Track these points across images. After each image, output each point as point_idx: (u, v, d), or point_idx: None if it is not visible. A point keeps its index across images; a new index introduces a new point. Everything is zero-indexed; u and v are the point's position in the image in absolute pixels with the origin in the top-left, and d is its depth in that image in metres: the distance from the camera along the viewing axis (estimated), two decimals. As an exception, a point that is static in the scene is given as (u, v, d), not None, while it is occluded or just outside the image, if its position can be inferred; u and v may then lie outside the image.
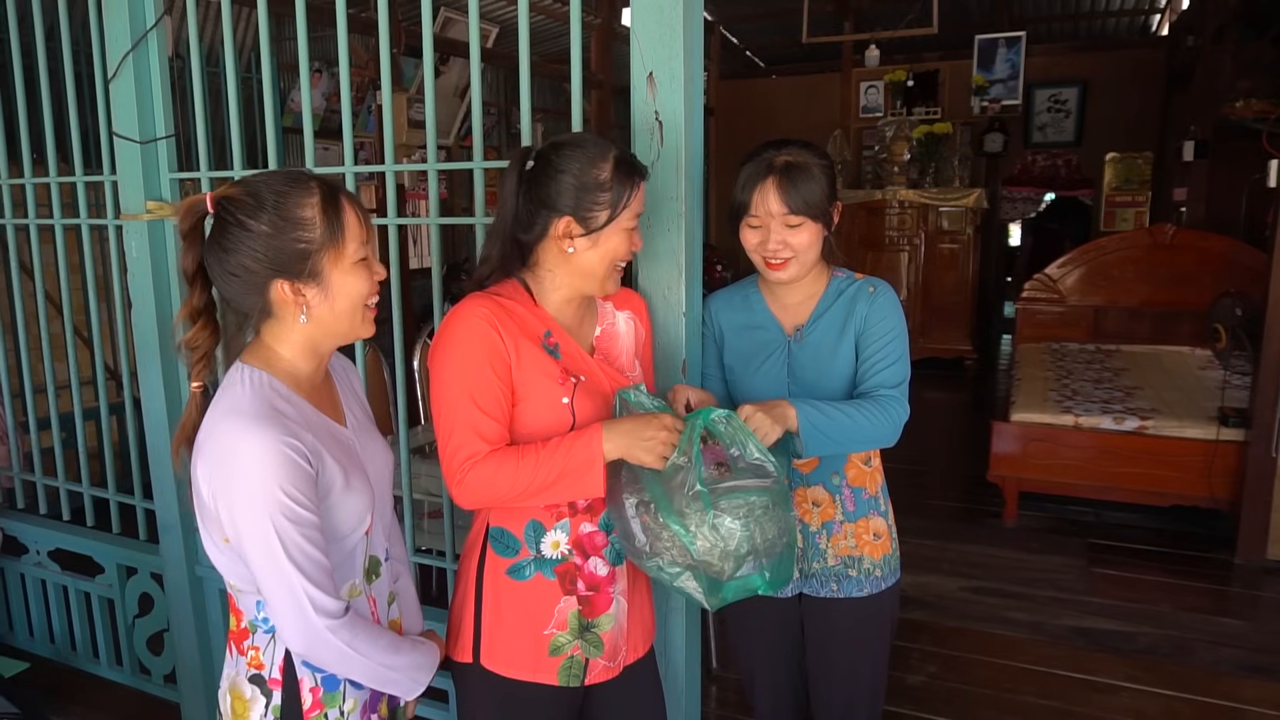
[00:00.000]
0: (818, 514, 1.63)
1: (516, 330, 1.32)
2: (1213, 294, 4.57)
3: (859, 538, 1.63)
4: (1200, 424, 3.67)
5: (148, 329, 2.26)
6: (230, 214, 1.11)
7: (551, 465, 1.26)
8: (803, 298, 1.63)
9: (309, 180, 1.14)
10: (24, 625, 2.84)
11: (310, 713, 1.19)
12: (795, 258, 1.53)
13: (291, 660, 1.18)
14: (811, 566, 1.64)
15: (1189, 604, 3.13)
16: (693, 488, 1.21)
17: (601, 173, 1.32)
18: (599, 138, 1.38)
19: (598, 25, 6.47)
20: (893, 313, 1.57)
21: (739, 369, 1.66)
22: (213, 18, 4.59)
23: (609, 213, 1.32)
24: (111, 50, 2.15)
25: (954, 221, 6.76)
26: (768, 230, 1.53)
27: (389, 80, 1.91)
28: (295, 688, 1.19)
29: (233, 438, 1.08)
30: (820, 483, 1.62)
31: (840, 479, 1.63)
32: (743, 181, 1.54)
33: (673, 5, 1.55)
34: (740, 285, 1.72)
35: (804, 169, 1.50)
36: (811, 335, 1.60)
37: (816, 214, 1.51)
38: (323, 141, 5.14)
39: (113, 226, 2.35)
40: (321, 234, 1.12)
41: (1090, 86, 7.66)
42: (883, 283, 1.61)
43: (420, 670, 1.27)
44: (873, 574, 1.64)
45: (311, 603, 1.09)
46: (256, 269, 1.11)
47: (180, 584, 2.36)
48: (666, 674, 1.74)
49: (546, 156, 1.34)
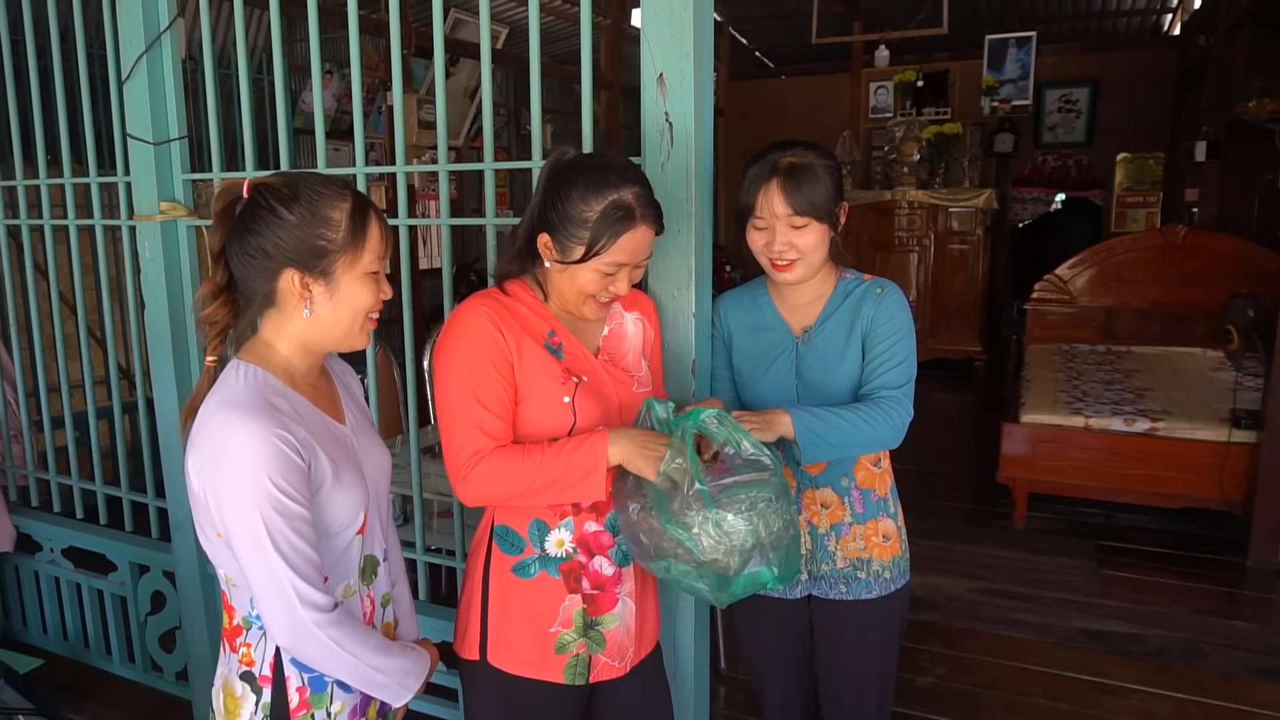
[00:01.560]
0: (826, 516, 1.63)
1: (519, 329, 1.33)
2: (1224, 295, 4.55)
3: (868, 540, 1.63)
4: (1212, 426, 3.65)
5: (160, 329, 2.27)
6: (264, 199, 1.15)
7: (555, 465, 1.27)
8: (810, 299, 1.62)
9: (345, 189, 1.18)
10: (38, 622, 2.87)
11: (297, 712, 1.19)
12: (801, 259, 1.53)
13: (280, 658, 1.19)
14: (820, 569, 1.64)
15: (1200, 607, 3.11)
16: (692, 486, 1.21)
17: (589, 209, 1.27)
18: (621, 169, 1.31)
19: (607, 26, 6.48)
20: (899, 313, 1.56)
21: (747, 370, 1.66)
22: (224, 19, 4.61)
23: (583, 250, 1.29)
24: (125, 52, 2.17)
25: (964, 222, 6.74)
26: (773, 231, 1.53)
27: (400, 81, 1.92)
28: (283, 686, 1.19)
29: (224, 429, 1.09)
30: (829, 485, 1.62)
31: (849, 481, 1.62)
32: (748, 183, 1.54)
33: (683, 6, 1.55)
34: (749, 286, 1.72)
35: (809, 170, 1.50)
36: (819, 337, 1.60)
37: (822, 215, 1.51)
38: (332, 143, 5.15)
39: (126, 227, 2.37)
40: (344, 238, 1.15)
41: (1101, 86, 7.62)
42: (890, 283, 1.61)
43: (409, 676, 1.25)
44: (881, 576, 1.64)
45: (298, 595, 1.10)
46: (274, 254, 1.14)
47: (192, 582, 2.37)
48: (675, 674, 1.74)
49: (566, 167, 1.32)
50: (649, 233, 1.31)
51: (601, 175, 1.29)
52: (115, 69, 2.21)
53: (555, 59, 6.90)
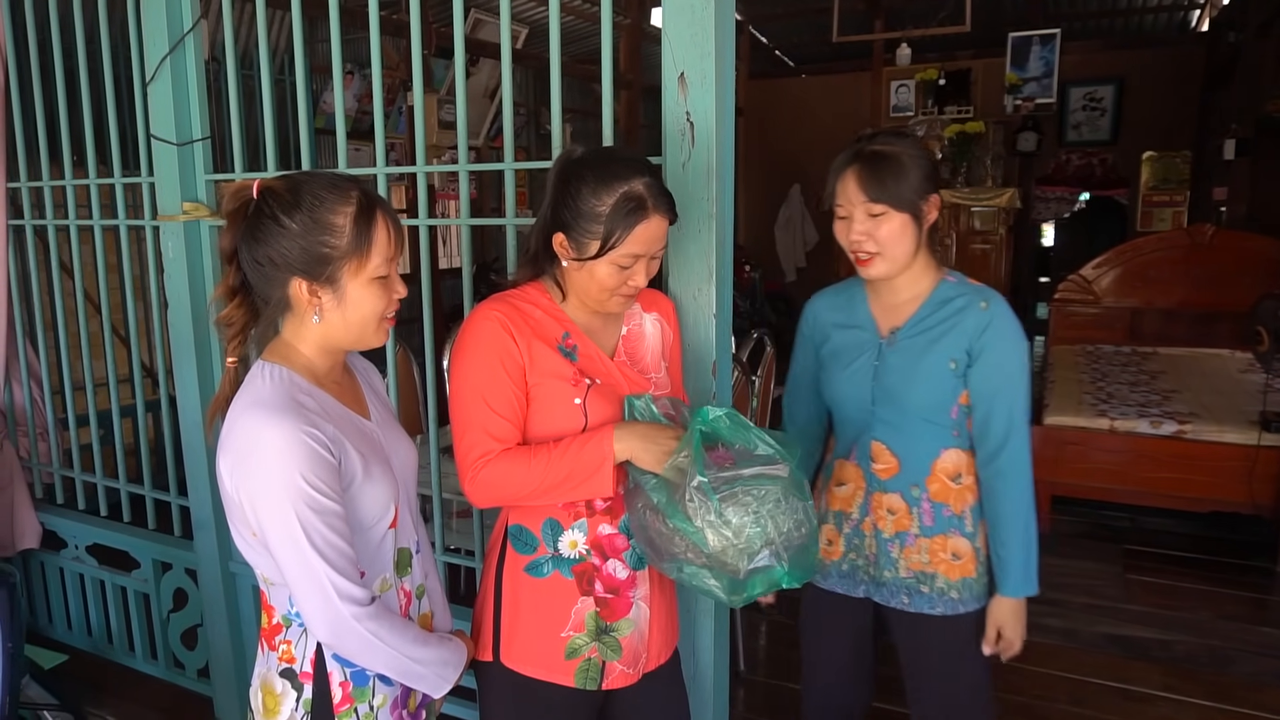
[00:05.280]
0: (891, 522, 1.57)
1: (530, 333, 1.33)
2: (1253, 296, 4.47)
3: (933, 554, 1.55)
4: (1241, 429, 3.58)
5: (183, 328, 2.29)
6: (268, 206, 1.14)
7: (561, 464, 1.27)
8: (905, 299, 1.55)
9: (351, 189, 1.16)
10: (62, 618, 2.90)
11: (340, 706, 1.20)
12: (882, 254, 1.48)
13: (322, 654, 1.20)
14: (883, 575, 1.59)
15: (1228, 612, 3.06)
16: (694, 479, 1.20)
17: (601, 203, 1.26)
18: (629, 161, 1.31)
19: (626, 25, 6.47)
20: (1016, 343, 1.49)
21: (829, 366, 1.62)
22: (245, 21, 4.65)
23: (598, 245, 1.28)
24: (150, 54, 2.19)
25: (986, 221, 6.67)
26: (851, 220, 1.49)
27: (420, 82, 1.92)
28: (325, 682, 1.20)
29: (254, 430, 1.09)
30: (898, 491, 1.56)
31: (920, 491, 1.55)
32: (832, 170, 1.51)
33: (704, 5, 1.54)
34: (847, 284, 1.67)
35: (891, 158, 1.46)
36: (905, 340, 1.53)
37: (901, 204, 1.45)
38: (352, 143, 5.19)
39: (150, 227, 2.39)
40: (348, 244, 1.14)
41: (1126, 84, 7.53)
42: (996, 296, 1.51)
43: (447, 666, 1.27)
44: (947, 594, 1.55)
45: (336, 591, 1.10)
46: (280, 263, 1.14)
47: (214, 579, 2.39)
48: (695, 678, 1.73)
49: (574, 163, 1.31)
50: (663, 222, 1.30)
51: (611, 169, 1.28)
52: (140, 70, 2.23)
53: (574, 58, 6.90)
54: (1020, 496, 1.50)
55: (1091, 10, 7.85)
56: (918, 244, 1.51)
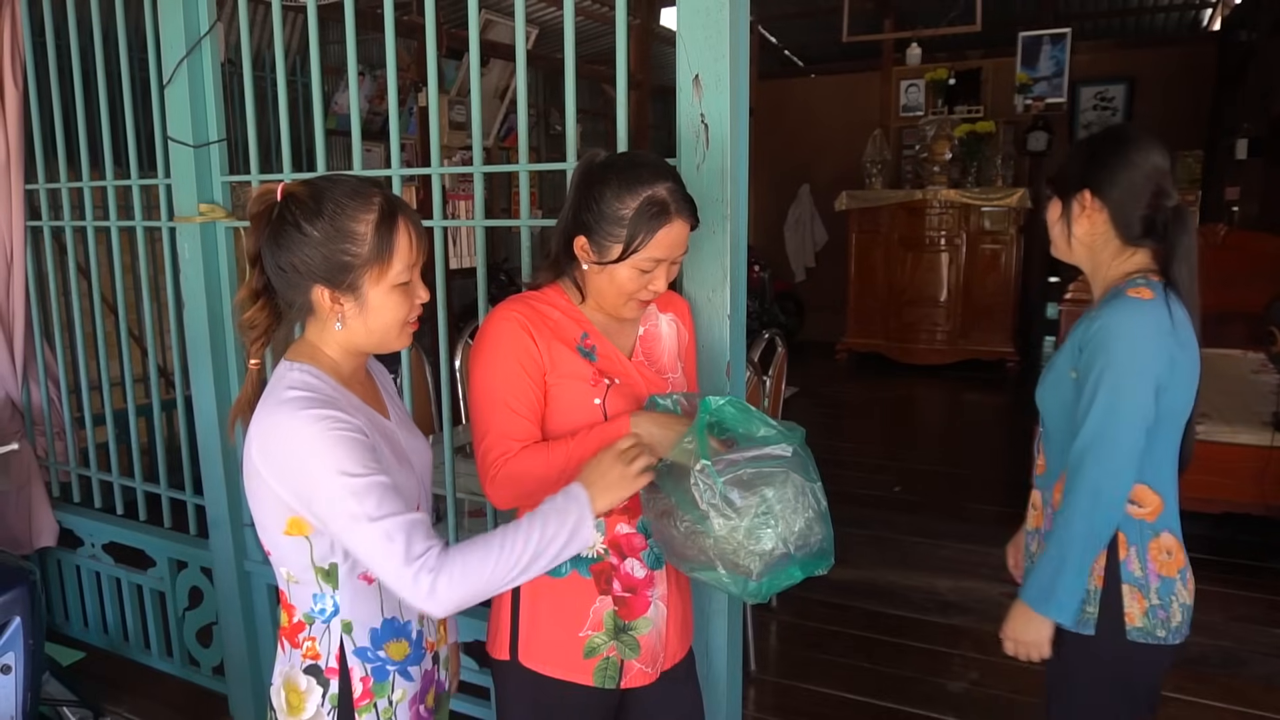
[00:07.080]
0: (1033, 517, 1.58)
1: (550, 333, 1.34)
2: (1266, 296, 4.45)
3: None
4: (1253, 430, 3.57)
5: (199, 329, 2.31)
6: (290, 212, 1.14)
7: (581, 450, 1.28)
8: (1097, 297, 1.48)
9: (374, 195, 1.15)
10: (79, 616, 2.93)
11: (360, 701, 1.21)
12: (1055, 244, 1.49)
13: (345, 649, 1.21)
14: (1029, 564, 1.57)
15: (1241, 614, 3.05)
16: (698, 463, 1.20)
17: (624, 207, 1.27)
18: (652, 165, 1.31)
19: (636, 26, 6.48)
20: (1105, 342, 1.36)
21: None
22: (259, 23, 4.67)
23: (621, 248, 1.29)
24: (166, 56, 2.21)
25: (996, 222, 6.66)
26: None
27: (435, 83, 1.93)
28: (348, 677, 1.21)
29: (289, 425, 1.10)
30: (1041, 489, 1.56)
31: (1048, 494, 1.53)
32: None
33: (719, 7, 1.54)
34: None
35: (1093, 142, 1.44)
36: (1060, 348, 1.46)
37: (1060, 186, 1.45)
38: (364, 144, 5.21)
39: (166, 228, 2.41)
40: (369, 251, 1.14)
41: (1138, 83, 7.49)
42: (1121, 294, 1.39)
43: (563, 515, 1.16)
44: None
45: (410, 554, 1.07)
46: (303, 270, 1.14)
47: (229, 578, 2.41)
48: (707, 677, 1.74)
49: (598, 167, 1.32)
50: (684, 227, 1.31)
51: (635, 173, 1.29)
52: (156, 72, 2.25)
53: (584, 59, 6.91)
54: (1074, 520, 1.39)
55: (1102, 9, 7.82)
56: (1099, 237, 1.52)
